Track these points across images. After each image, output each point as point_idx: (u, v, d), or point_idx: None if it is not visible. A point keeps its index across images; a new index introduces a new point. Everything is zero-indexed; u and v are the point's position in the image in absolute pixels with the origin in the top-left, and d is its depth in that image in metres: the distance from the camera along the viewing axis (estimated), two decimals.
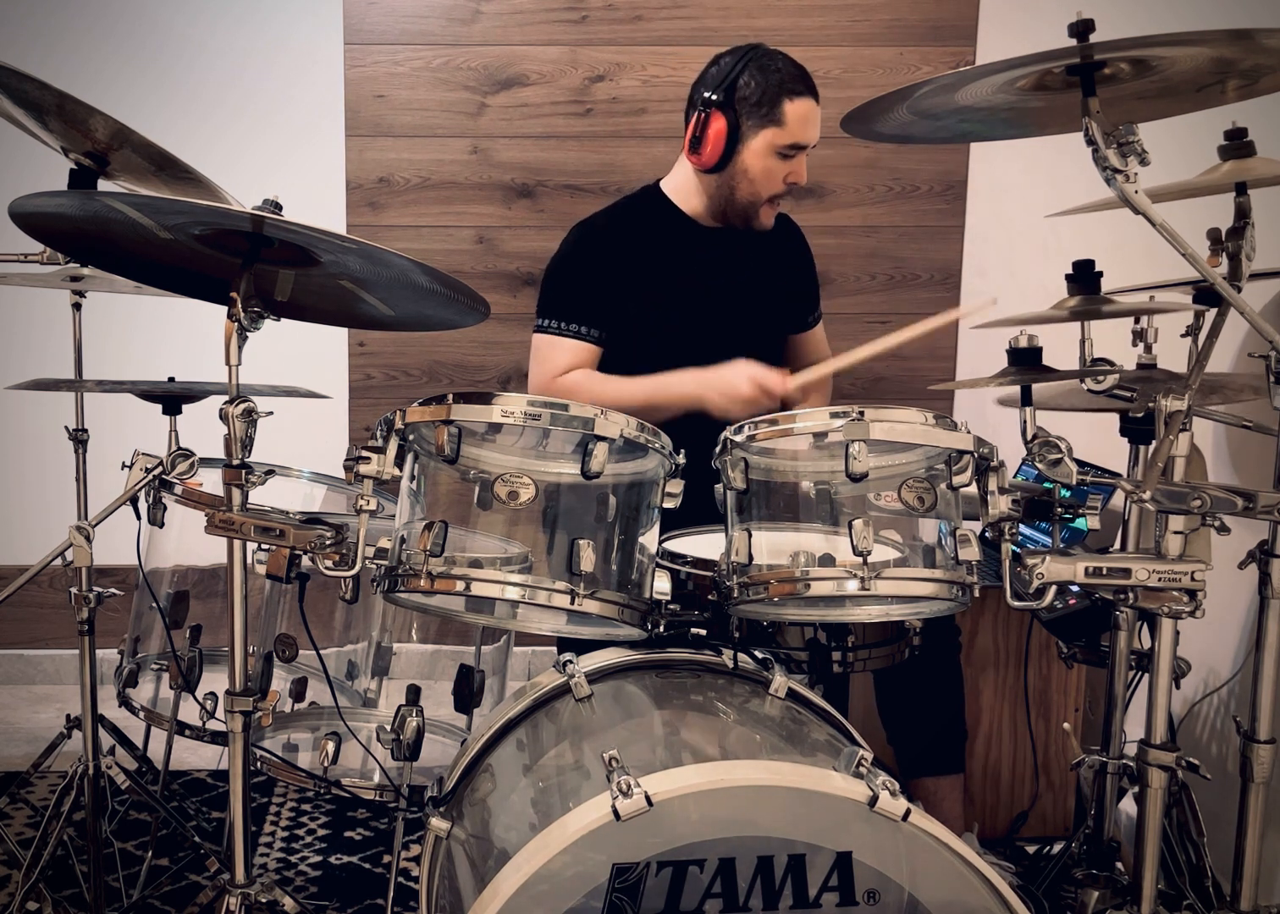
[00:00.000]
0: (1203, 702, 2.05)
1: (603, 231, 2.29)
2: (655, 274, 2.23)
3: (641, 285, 2.22)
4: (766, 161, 2.16)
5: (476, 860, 1.38)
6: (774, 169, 2.17)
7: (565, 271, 2.28)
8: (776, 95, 2.13)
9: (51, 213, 1.40)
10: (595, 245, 2.27)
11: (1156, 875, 1.42)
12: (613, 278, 2.21)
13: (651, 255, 2.24)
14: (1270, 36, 1.14)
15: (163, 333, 3.01)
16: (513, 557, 1.41)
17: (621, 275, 2.21)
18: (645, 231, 2.26)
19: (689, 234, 2.28)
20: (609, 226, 2.30)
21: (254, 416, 1.38)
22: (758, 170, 2.17)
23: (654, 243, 2.25)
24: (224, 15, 3.05)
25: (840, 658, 1.66)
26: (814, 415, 1.41)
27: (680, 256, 2.26)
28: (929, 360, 3.26)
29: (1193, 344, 1.48)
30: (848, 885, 1.20)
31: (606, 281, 2.22)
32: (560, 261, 2.30)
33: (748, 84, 2.14)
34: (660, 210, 2.28)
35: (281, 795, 2.51)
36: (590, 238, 2.29)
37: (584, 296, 2.23)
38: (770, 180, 2.18)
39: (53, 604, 3.16)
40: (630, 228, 2.28)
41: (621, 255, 2.23)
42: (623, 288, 2.20)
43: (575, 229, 2.31)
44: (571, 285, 2.26)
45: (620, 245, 2.25)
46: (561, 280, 2.28)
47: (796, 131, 2.14)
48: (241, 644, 1.45)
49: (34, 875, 1.85)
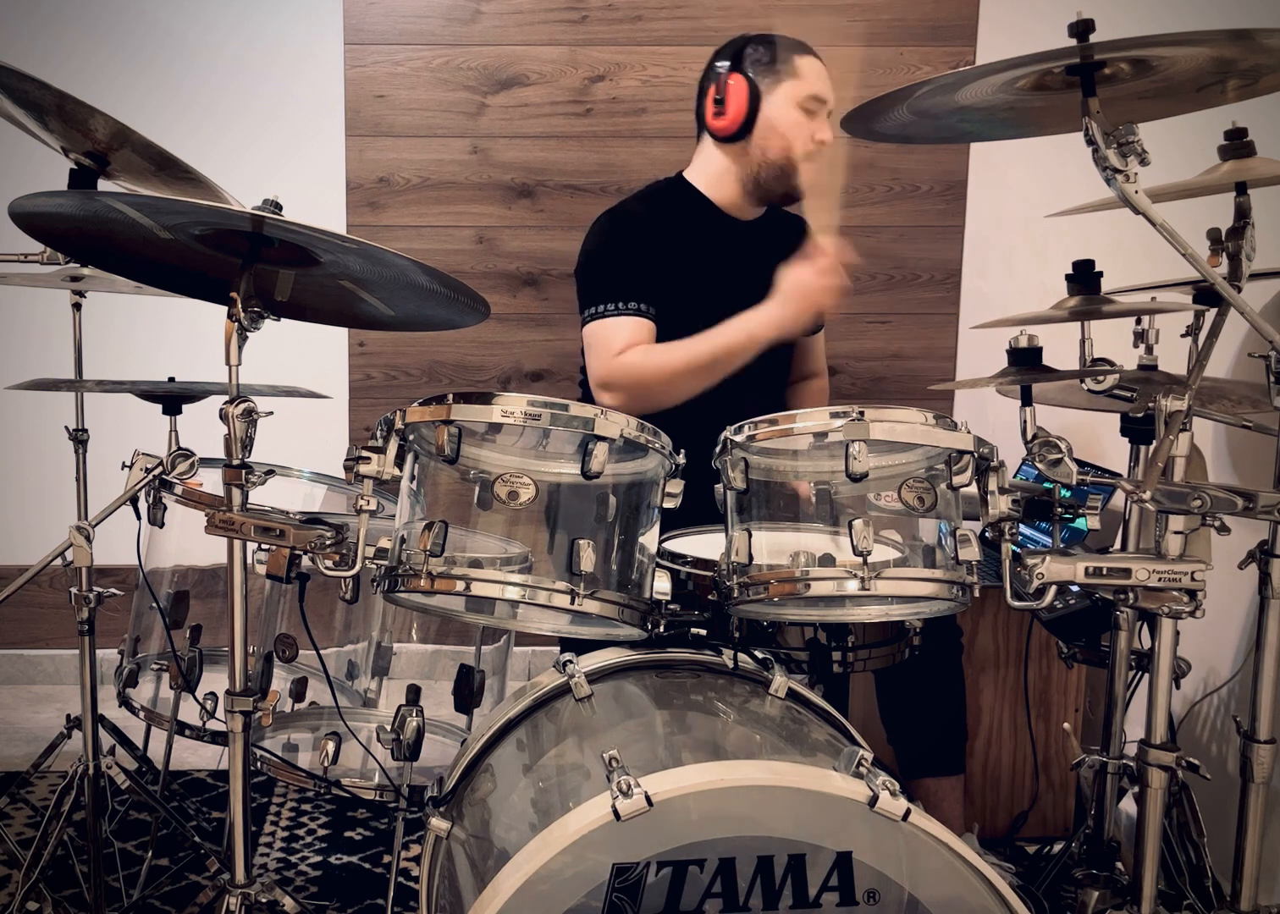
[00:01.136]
0: (1203, 702, 2.05)
1: (635, 216, 2.27)
2: (686, 260, 2.22)
3: (674, 269, 2.20)
4: (791, 114, 2.18)
5: (476, 860, 1.38)
6: (800, 123, 2.18)
7: (606, 254, 2.23)
8: (787, 53, 2.18)
9: (51, 213, 1.40)
10: (631, 228, 2.25)
11: (1156, 875, 1.42)
12: (652, 258, 2.19)
13: (681, 243, 2.22)
14: (1270, 36, 1.13)
15: (163, 333, 3.01)
16: (513, 557, 1.41)
17: (658, 257, 2.19)
18: (676, 218, 2.24)
19: (716, 224, 2.27)
20: (640, 211, 2.28)
21: (254, 416, 1.38)
22: (785, 123, 2.17)
23: (685, 229, 2.24)
24: (224, 15, 3.05)
25: (840, 658, 1.66)
26: (814, 415, 1.41)
27: (707, 246, 2.25)
28: (929, 360, 3.26)
29: (1193, 344, 1.48)
30: (848, 885, 1.20)
31: (647, 260, 2.19)
32: (599, 247, 2.25)
33: (756, 50, 2.20)
34: (689, 199, 2.28)
35: (281, 795, 2.51)
36: (624, 221, 2.26)
37: (630, 274, 2.17)
38: (799, 133, 2.18)
39: (53, 604, 3.16)
40: (662, 213, 2.26)
41: (656, 238, 2.21)
42: (660, 269, 2.18)
43: (605, 217, 2.28)
44: (615, 266, 2.21)
45: (654, 229, 2.23)
46: (604, 263, 2.23)
47: (814, 83, 2.18)
48: (241, 644, 1.45)
49: (34, 875, 1.85)
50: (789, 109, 2.17)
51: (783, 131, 2.18)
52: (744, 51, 2.19)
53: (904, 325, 3.25)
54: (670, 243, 2.21)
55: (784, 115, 2.17)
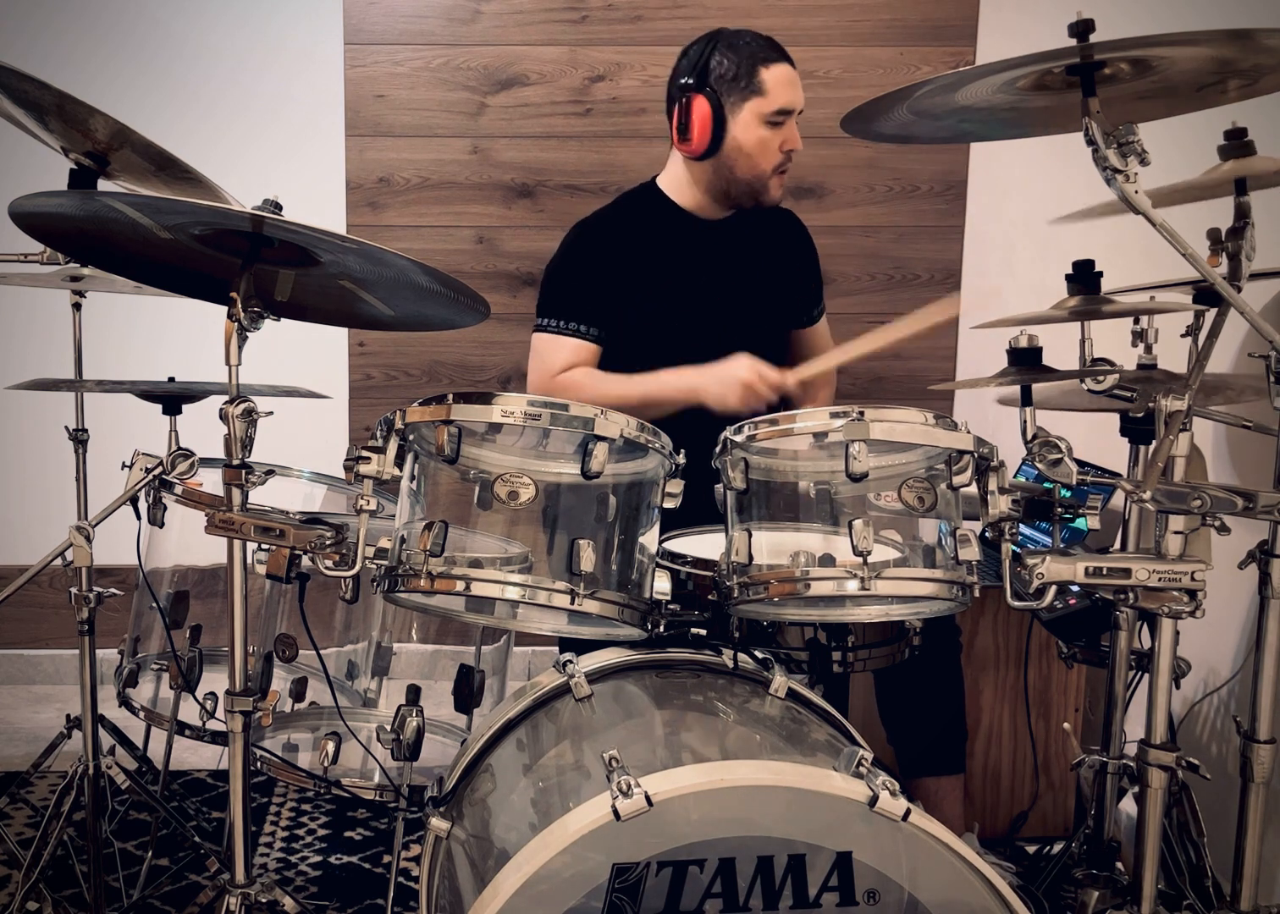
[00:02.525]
0: (1203, 702, 2.05)
1: (599, 230, 2.30)
2: (653, 271, 2.24)
3: (641, 282, 2.22)
4: (758, 133, 2.17)
5: (476, 860, 1.38)
6: (767, 139, 2.18)
7: (563, 271, 2.30)
8: (751, 66, 2.14)
9: (51, 213, 1.40)
10: (592, 244, 2.29)
11: (1156, 875, 1.42)
12: (611, 276, 2.22)
13: (649, 252, 2.24)
14: (1270, 36, 1.13)
15: (163, 333, 3.01)
16: (513, 556, 1.41)
17: (620, 273, 2.21)
18: (642, 228, 2.26)
19: (685, 228, 2.28)
20: (605, 225, 2.31)
21: (254, 416, 1.38)
22: (751, 143, 2.17)
23: (651, 239, 2.25)
24: (224, 15, 3.05)
25: (840, 658, 1.66)
26: (814, 415, 1.41)
27: (677, 252, 2.26)
28: (929, 360, 3.26)
29: (1193, 344, 1.48)
30: (848, 885, 1.20)
31: (605, 280, 2.22)
32: (558, 261, 2.31)
33: (720, 63, 2.15)
34: (656, 206, 2.29)
35: (281, 795, 2.51)
36: (587, 237, 2.30)
37: (582, 295, 2.25)
38: (767, 151, 2.19)
39: (53, 604, 3.16)
40: (627, 225, 2.29)
41: (619, 253, 2.24)
42: (622, 286, 2.21)
43: (573, 229, 2.33)
44: (570, 284, 2.27)
45: (617, 243, 2.26)
46: (560, 280, 2.29)
47: (779, 96, 2.15)
48: (241, 644, 1.45)
49: (34, 875, 1.85)
50: (755, 128, 2.16)
51: (750, 152, 2.17)
52: (709, 65, 2.15)
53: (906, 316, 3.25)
54: (637, 252, 2.23)
55: (750, 135, 2.16)
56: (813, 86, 3.08)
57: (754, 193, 2.23)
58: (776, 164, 2.20)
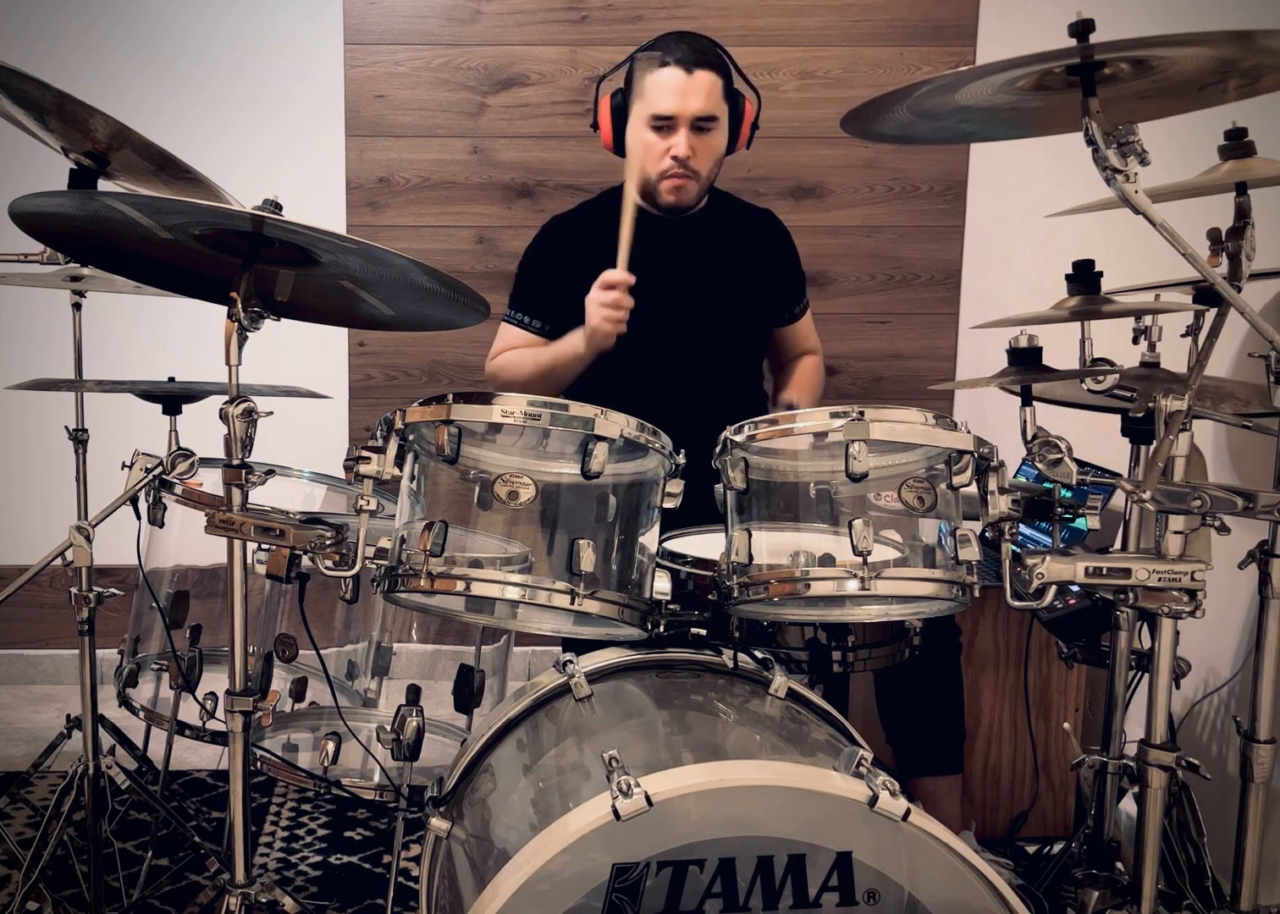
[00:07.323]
0: (1203, 702, 2.05)
1: (563, 227, 2.43)
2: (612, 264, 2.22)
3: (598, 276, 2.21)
4: (642, 135, 2.24)
5: (476, 860, 1.38)
6: (651, 143, 2.23)
7: (522, 264, 2.45)
8: (643, 70, 2.22)
9: (51, 213, 1.40)
10: (554, 240, 2.41)
11: (1156, 875, 1.42)
12: (569, 271, 2.27)
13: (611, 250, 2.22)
14: (1270, 36, 1.13)
15: (163, 333, 3.01)
16: (513, 556, 1.41)
17: (580, 270, 2.23)
18: (605, 227, 2.24)
19: (648, 227, 2.25)
20: (570, 222, 2.42)
21: (254, 416, 1.38)
22: (636, 146, 2.24)
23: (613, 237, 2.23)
24: (224, 15, 3.05)
25: (840, 658, 1.66)
26: (814, 415, 1.41)
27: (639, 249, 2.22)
28: (929, 360, 3.26)
29: (1193, 344, 1.48)
30: (848, 885, 1.20)
31: (560, 275, 2.30)
32: (526, 256, 2.45)
33: (632, 66, 2.26)
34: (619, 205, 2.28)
35: (281, 795, 2.51)
36: (551, 233, 2.43)
37: (533, 289, 2.38)
38: (650, 155, 2.24)
39: (53, 604, 3.16)
40: (591, 223, 2.34)
41: (581, 250, 2.29)
42: (582, 281, 2.21)
43: (545, 226, 2.46)
44: (524, 277, 2.43)
45: (580, 241, 2.32)
46: (519, 272, 2.45)
47: (654, 101, 2.20)
48: (241, 644, 1.45)
49: (34, 875, 1.85)
50: (641, 130, 2.23)
51: (636, 153, 2.24)
52: (632, 65, 2.25)
53: (904, 325, 3.25)
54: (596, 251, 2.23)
55: (634, 137, 2.24)
56: (813, 86, 3.11)
57: (649, 194, 2.29)
58: (664, 170, 2.25)
